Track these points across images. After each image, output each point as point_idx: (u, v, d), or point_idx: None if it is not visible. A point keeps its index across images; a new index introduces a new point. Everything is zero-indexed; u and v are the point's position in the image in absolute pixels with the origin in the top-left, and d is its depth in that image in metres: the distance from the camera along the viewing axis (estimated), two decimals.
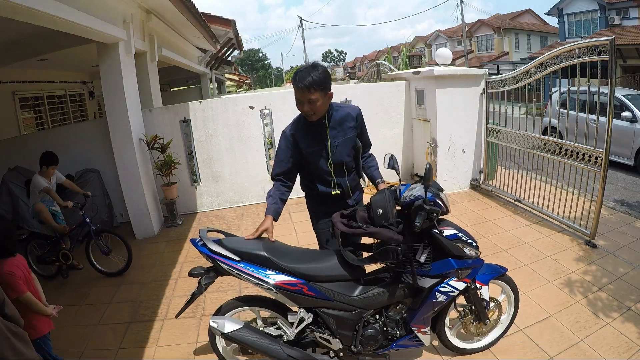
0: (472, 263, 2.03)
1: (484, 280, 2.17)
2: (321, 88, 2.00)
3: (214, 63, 12.63)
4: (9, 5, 2.44)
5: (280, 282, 1.88)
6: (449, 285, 2.00)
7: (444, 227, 1.99)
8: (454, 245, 1.96)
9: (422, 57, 13.00)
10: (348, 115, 2.24)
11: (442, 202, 1.95)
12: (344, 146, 2.24)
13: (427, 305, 2.01)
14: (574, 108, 3.74)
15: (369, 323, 2.02)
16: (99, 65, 4.34)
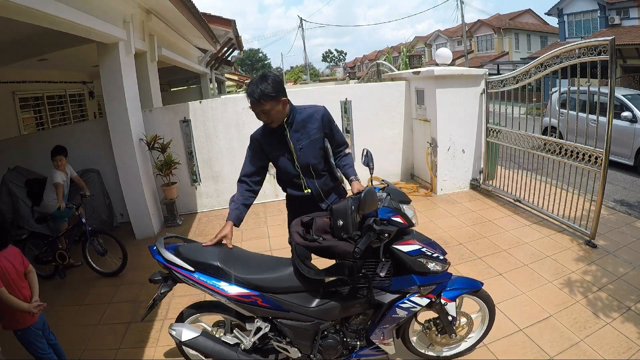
0: (437, 279, 1.95)
1: (451, 297, 2.06)
2: (271, 98, 2.05)
3: (214, 63, 12.63)
4: (9, 5, 2.44)
5: (233, 294, 1.84)
6: (410, 301, 1.92)
7: (408, 241, 1.88)
8: (415, 262, 1.87)
9: (422, 57, 13.01)
10: (311, 116, 2.23)
11: (404, 217, 1.83)
12: (310, 148, 2.22)
13: (386, 319, 1.94)
14: (574, 108, 3.74)
15: (329, 333, 1.98)
16: (99, 65, 4.34)
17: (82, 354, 2.69)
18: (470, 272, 3.31)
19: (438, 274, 1.94)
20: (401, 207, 1.87)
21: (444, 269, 1.96)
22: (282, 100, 2.10)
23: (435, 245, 1.98)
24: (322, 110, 2.28)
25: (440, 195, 5.33)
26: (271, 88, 2.05)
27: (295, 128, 2.21)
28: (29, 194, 4.35)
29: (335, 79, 21.13)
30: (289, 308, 1.89)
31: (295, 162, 2.22)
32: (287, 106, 2.16)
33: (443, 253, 1.98)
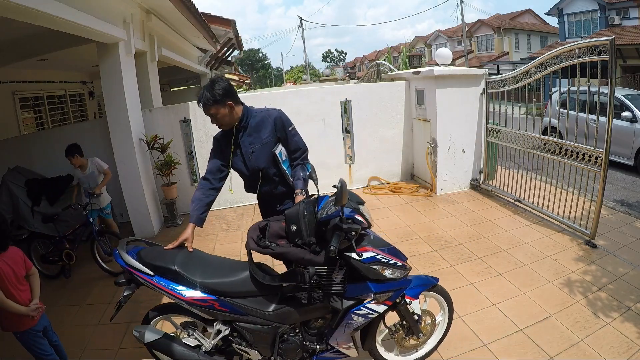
0: (394, 286, 1.92)
1: (414, 294, 2.07)
2: (214, 102, 2.13)
3: (214, 63, 12.61)
4: (9, 5, 2.44)
5: (190, 298, 1.84)
6: (366, 308, 1.89)
7: (362, 248, 1.85)
8: (369, 269, 1.84)
9: (422, 57, 13.01)
10: (264, 120, 2.28)
11: (363, 216, 1.82)
12: (261, 152, 2.26)
13: (343, 325, 1.92)
14: (574, 108, 3.74)
15: (289, 336, 1.98)
16: (99, 65, 4.34)
17: (82, 354, 2.69)
18: (470, 272, 3.32)
19: (396, 281, 1.91)
20: (361, 207, 1.86)
21: (403, 276, 1.94)
22: (227, 104, 2.16)
23: (394, 251, 1.96)
24: (275, 114, 2.31)
25: (440, 195, 5.33)
26: (215, 93, 2.13)
27: (249, 132, 2.27)
28: (29, 194, 4.35)
29: (336, 79, 21.11)
30: (247, 312, 1.89)
31: (247, 164, 2.28)
32: (234, 110, 2.20)
33: (403, 259, 1.96)
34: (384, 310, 1.95)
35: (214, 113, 2.17)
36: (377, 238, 1.97)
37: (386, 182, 5.97)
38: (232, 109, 2.19)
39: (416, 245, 3.91)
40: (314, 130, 5.62)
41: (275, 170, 2.32)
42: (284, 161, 2.33)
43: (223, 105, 2.16)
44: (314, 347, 1.99)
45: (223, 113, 2.18)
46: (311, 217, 1.83)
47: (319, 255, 1.81)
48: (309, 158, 2.48)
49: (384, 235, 4.19)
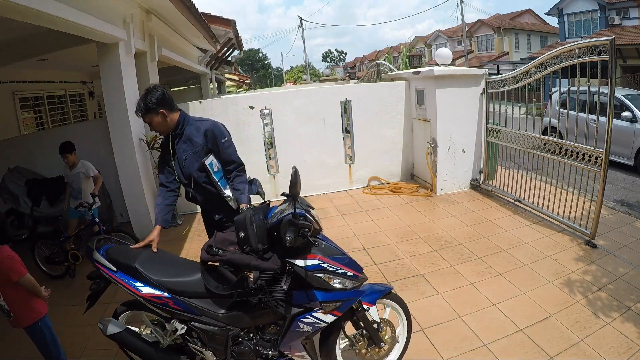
0: (342, 296, 1.86)
1: (371, 300, 2.03)
2: (150, 111, 2.23)
3: (214, 63, 12.61)
4: (9, 5, 2.44)
5: (146, 294, 1.91)
6: (312, 316, 1.85)
7: (308, 255, 1.82)
8: (313, 277, 1.80)
9: (422, 57, 13.01)
10: (198, 129, 2.35)
11: (313, 219, 1.82)
12: (192, 160, 2.35)
13: (291, 332, 1.90)
14: (574, 108, 3.74)
15: (243, 340, 1.99)
16: (99, 65, 4.34)
17: (82, 354, 2.69)
18: (470, 272, 3.32)
19: (345, 292, 1.87)
20: (312, 211, 1.87)
21: (353, 287, 1.89)
22: (160, 112, 2.25)
23: (346, 260, 1.92)
24: (207, 125, 2.37)
25: (440, 195, 5.33)
26: (147, 102, 2.23)
27: (184, 139, 2.36)
28: (29, 194, 4.35)
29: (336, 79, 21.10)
30: (200, 312, 1.93)
31: (182, 171, 2.39)
32: (168, 118, 2.29)
33: (356, 270, 1.92)
34: (333, 321, 1.90)
35: (148, 121, 2.28)
36: (330, 246, 1.94)
37: (386, 182, 5.97)
38: (165, 116, 2.28)
39: (416, 245, 3.91)
40: (314, 130, 5.63)
41: (207, 180, 2.39)
42: (216, 172, 2.39)
43: (156, 114, 2.25)
44: (266, 353, 1.98)
45: (157, 121, 2.27)
46: (260, 224, 1.83)
47: (268, 262, 1.83)
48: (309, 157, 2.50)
49: (383, 234, 4.20)
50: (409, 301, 2.95)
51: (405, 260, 3.62)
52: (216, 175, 2.39)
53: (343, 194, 5.75)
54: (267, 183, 5.63)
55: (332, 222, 4.70)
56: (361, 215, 4.85)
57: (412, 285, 3.20)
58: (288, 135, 5.56)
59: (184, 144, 2.36)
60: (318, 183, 5.79)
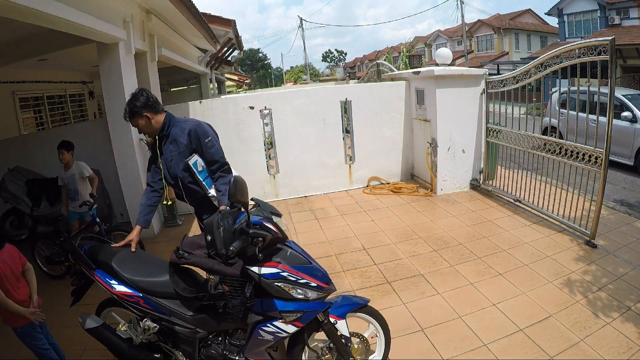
0: (303, 307, 1.79)
1: (340, 314, 1.94)
2: (134, 115, 2.32)
3: (214, 63, 12.61)
4: (8, 5, 2.44)
5: (119, 292, 1.98)
6: (273, 325, 1.81)
7: (268, 263, 1.78)
8: (271, 286, 1.75)
9: (422, 57, 13.01)
10: (182, 131, 2.40)
11: (276, 227, 1.77)
12: (177, 161, 2.41)
13: (253, 340, 1.87)
14: (574, 108, 3.74)
15: (212, 343, 1.99)
16: (99, 65, 4.34)
17: (82, 354, 2.69)
18: (470, 272, 3.32)
19: (307, 302, 1.80)
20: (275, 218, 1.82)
21: (317, 298, 1.83)
22: (144, 116, 2.33)
23: (311, 270, 1.85)
24: (190, 125, 2.42)
25: (440, 195, 5.33)
26: (132, 107, 2.31)
27: (170, 140, 2.42)
28: (29, 195, 4.35)
29: (336, 79, 21.10)
30: (169, 313, 1.97)
31: (168, 171, 2.45)
32: (153, 120, 2.36)
33: (322, 280, 1.86)
34: (295, 332, 1.85)
35: (135, 125, 2.37)
36: (296, 254, 1.88)
37: (386, 182, 5.97)
38: (150, 119, 2.35)
39: (416, 245, 3.91)
40: (314, 130, 5.63)
41: (192, 180, 2.44)
42: (200, 172, 2.42)
43: (140, 117, 2.33)
44: (233, 358, 1.97)
45: (142, 124, 2.36)
46: (228, 229, 1.78)
47: (232, 268, 1.81)
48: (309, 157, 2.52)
49: (383, 234, 4.20)
50: (409, 301, 2.97)
51: (405, 260, 3.62)
52: (201, 175, 2.43)
53: (343, 194, 5.75)
54: (267, 183, 5.63)
55: (332, 222, 4.70)
56: (361, 215, 4.85)
57: (412, 285, 3.20)
58: (288, 135, 5.56)
59: (170, 145, 2.42)
60: (318, 183, 5.79)
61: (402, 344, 2.52)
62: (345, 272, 3.49)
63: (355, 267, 3.57)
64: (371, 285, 3.24)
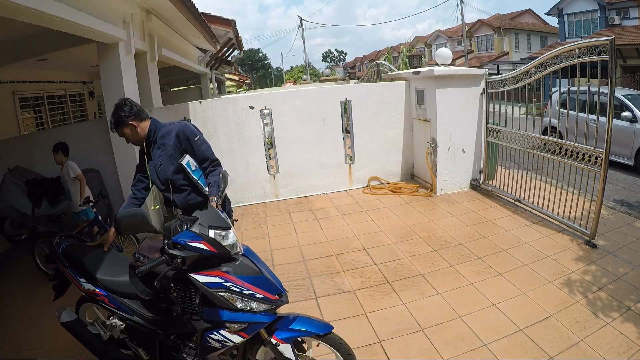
0: (248, 318, 1.75)
1: (284, 338, 1.84)
2: (119, 124, 2.34)
3: (214, 63, 12.61)
4: (9, 5, 2.44)
5: (87, 290, 2.07)
6: (220, 334, 1.78)
7: (211, 272, 1.74)
8: (213, 295, 1.72)
9: (422, 57, 13.01)
10: (169, 133, 2.42)
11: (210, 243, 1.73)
12: (168, 164, 2.41)
13: (203, 347, 1.85)
14: (574, 108, 3.74)
15: (173, 345, 2.02)
16: (99, 65, 4.33)
17: (82, 354, 2.68)
18: (470, 272, 3.32)
19: (252, 314, 1.76)
20: (212, 232, 1.76)
21: (263, 310, 1.78)
22: (129, 124, 2.34)
23: (260, 281, 1.81)
24: (178, 127, 2.43)
25: (440, 195, 5.33)
26: (117, 117, 2.32)
27: (158, 145, 2.43)
28: (29, 195, 4.35)
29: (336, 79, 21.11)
30: (132, 312, 2.02)
31: (158, 176, 2.46)
32: (139, 128, 2.38)
33: (271, 292, 1.82)
34: (241, 342, 1.81)
35: (121, 134, 2.38)
36: (246, 265, 1.85)
37: (386, 182, 5.97)
38: (136, 127, 2.37)
39: (416, 245, 3.91)
40: (314, 130, 5.63)
41: (184, 181, 2.45)
42: (194, 171, 2.44)
43: (126, 126, 2.35)
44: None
45: (128, 133, 2.37)
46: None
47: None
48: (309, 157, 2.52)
49: (383, 234, 4.20)
50: (409, 301, 2.97)
51: (405, 260, 3.62)
52: (195, 174, 2.45)
53: (343, 194, 5.75)
54: (267, 183, 5.63)
55: (332, 222, 4.70)
56: (361, 215, 4.85)
57: (412, 285, 3.20)
58: (288, 135, 5.56)
59: (158, 150, 2.43)
60: (318, 183, 5.79)
61: (402, 344, 2.52)
62: (345, 272, 3.49)
63: (355, 267, 3.57)
64: (371, 285, 3.24)
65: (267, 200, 5.64)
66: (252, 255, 1.94)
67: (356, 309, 2.94)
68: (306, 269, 3.59)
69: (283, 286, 1.90)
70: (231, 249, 1.79)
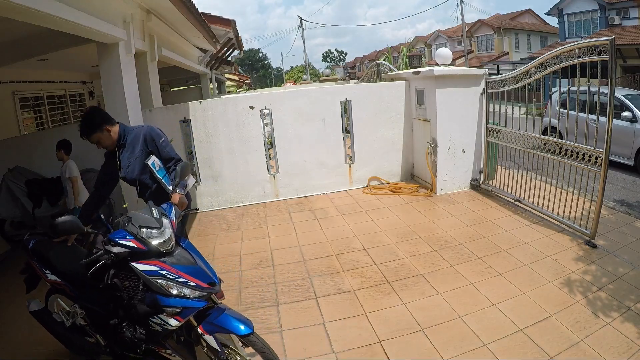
0: (182, 303, 1.92)
1: (207, 330, 2.01)
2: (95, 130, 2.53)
3: (214, 63, 12.61)
4: (9, 5, 2.44)
5: (52, 280, 2.29)
6: (159, 318, 1.96)
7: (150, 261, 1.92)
8: (150, 281, 1.90)
9: (422, 57, 13.00)
10: (137, 136, 2.65)
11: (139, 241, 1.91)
12: (135, 164, 2.64)
13: (147, 330, 2.03)
14: (574, 108, 3.74)
15: (127, 330, 2.13)
16: (99, 65, 4.33)
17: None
18: (470, 272, 3.32)
19: (186, 299, 1.92)
20: (142, 231, 1.94)
21: (196, 296, 1.94)
22: (105, 129, 2.56)
23: (195, 271, 1.97)
24: (145, 130, 2.69)
25: (440, 195, 5.33)
26: (91, 123, 2.53)
27: (127, 148, 2.65)
28: (29, 195, 4.35)
29: (336, 79, 21.12)
30: (90, 300, 2.21)
31: (127, 176, 2.67)
32: (111, 132, 2.59)
33: (204, 281, 1.97)
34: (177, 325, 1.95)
35: (95, 140, 2.57)
36: (183, 256, 2.01)
37: (386, 182, 5.98)
38: (109, 131, 2.59)
39: (416, 245, 3.91)
40: (314, 130, 5.63)
41: (150, 180, 2.69)
42: (158, 171, 2.67)
43: (101, 131, 2.55)
44: (141, 345, 2.12)
45: (102, 138, 2.57)
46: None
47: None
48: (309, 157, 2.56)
49: (383, 234, 4.20)
50: (409, 301, 2.97)
51: (405, 260, 3.62)
52: (159, 173, 2.67)
53: (343, 194, 5.75)
54: (267, 183, 5.63)
55: (332, 222, 4.70)
56: (361, 215, 4.85)
57: (412, 285, 3.20)
58: (288, 135, 5.56)
59: (126, 152, 2.64)
60: (318, 183, 5.79)
61: (402, 344, 2.53)
62: (345, 272, 3.49)
63: (355, 267, 3.57)
64: (371, 285, 3.24)
65: (267, 200, 5.64)
66: (191, 248, 2.12)
67: (356, 309, 2.94)
68: (306, 269, 3.59)
69: (218, 277, 2.08)
70: (161, 247, 1.94)
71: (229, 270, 3.66)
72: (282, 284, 3.37)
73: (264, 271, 3.60)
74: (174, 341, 2.09)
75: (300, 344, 2.60)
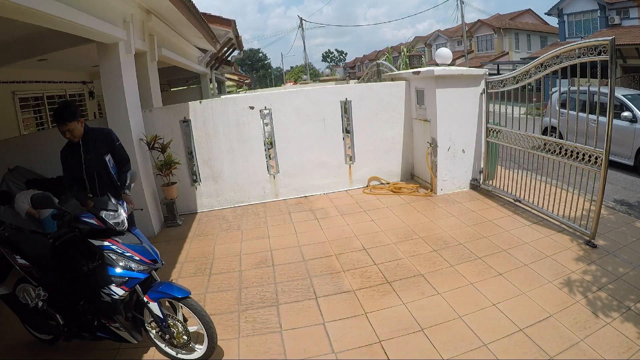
0: (127, 274, 2.27)
1: (153, 297, 2.34)
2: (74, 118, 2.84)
3: (214, 63, 12.61)
4: (9, 5, 2.44)
5: (21, 264, 2.49)
6: (109, 288, 2.25)
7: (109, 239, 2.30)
8: (103, 255, 2.26)
9: (422, 57, 13.00)
10: (100, 135, 3.07)
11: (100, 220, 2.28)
12: (96, 160, 3.01)
13: (98, 302, 2.30)
14: (574, 108, 3.74)
15: (83, 307, 2.40)
16: (99, 65, 4.33)
17: (82, 354, 2.69)
18: (470, 272, 3.32)
19: (132, 271, 2.28)
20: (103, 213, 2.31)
21: (139, 269, 2.30)
22: (80, 120, 2.91)
23: (140, 249, 2.35)
24: (106, 131, 3.17)
25: (440, 195, 5.33)
26: (72, 112, 2.83)
27: (91, 143, 2.99)
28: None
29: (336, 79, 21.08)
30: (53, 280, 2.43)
31: (84, 170, 2.98)
32: (80, 125, 2.91)
33: (148, 257, 2.35)
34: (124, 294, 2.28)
35: (70, 128, 2.83)
36: (132, 237, 2.40)
37: (386, 182, 5.98)
38: (82, 124, 2.92)
39: (416, 245, 3.91)
40: (314, 130, 5.63)
41: (106, 175, 3.07)
42: (112, 167, 3.11)
43: (77, 121, 2.87)
44: (92, 322, 2.40)
45: (77, 126, 2.87)
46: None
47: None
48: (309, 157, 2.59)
49: (383, 234, 4.20)
50: (409, 301, 2.97)
51: (405, 260, 3.62)
52: (112, 170, 3.11)
53: (343, 194, 5.75)
54: (267, 183, 5.63)
55: (332, 222, 4.70)
56: (361, 215, 4.85)
57: (412, 285, 3.20)
58: (288, 135, 5.56)
59: (91, 147, 2.98)
60: (318, 183, 5.79)
61: (402, 344, 2.53)
62: (345, 272, 3.49)
63: (355, 267, 3.57)
64: (371, 285, 3.24)
65: (267, 200, 5.64)
66: (139, 234, 2.48)
67: (356, 308, 2.94)
68: (306, 269, 3.59)
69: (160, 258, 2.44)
70: (117, 226, 2.33)
71: (229, 270, 3.66)
72: (282, 284, 3.37)
73: (264, 271, 3.60)
74: (122, 317, 2.39)
75: (300, 344, 2.60)
